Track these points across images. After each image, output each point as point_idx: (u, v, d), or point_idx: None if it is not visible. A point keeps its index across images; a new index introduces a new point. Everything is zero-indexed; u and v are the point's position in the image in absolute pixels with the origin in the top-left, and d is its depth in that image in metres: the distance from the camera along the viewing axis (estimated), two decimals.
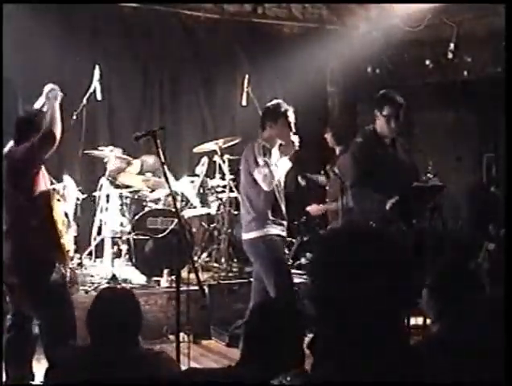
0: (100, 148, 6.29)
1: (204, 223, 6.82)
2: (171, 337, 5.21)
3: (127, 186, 6.46)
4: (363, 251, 1.48)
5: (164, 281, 5.91)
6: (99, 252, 6.35)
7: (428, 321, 4.28)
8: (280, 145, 4.74)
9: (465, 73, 6.97)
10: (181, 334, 3.91)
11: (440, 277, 2.61)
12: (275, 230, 4.62)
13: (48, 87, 4.14)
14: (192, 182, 6.59)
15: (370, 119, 4.94)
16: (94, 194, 6.27)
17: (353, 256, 1.47)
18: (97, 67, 5.91)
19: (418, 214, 4.70)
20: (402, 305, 1.49)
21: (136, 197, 6.36)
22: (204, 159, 6.56)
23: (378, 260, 1.47)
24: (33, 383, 4.00)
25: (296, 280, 5.33)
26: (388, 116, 4.73)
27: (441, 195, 4.78)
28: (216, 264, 6.57)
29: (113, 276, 5.87)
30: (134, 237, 6.00)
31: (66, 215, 4.31)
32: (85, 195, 6.06)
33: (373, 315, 1.43)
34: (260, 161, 4.57)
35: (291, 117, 4.75)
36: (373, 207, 4.53)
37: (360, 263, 1.46)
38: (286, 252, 5.55)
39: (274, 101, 4.88)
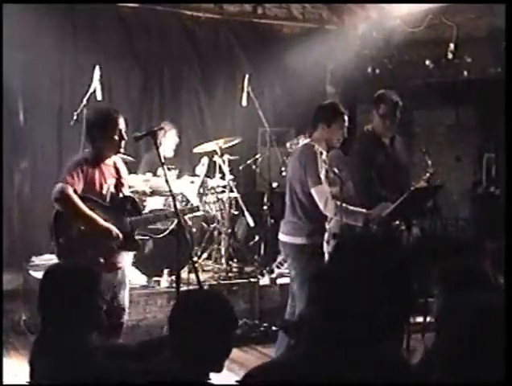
0: None
1: (204, 223, 6.83)
2: None
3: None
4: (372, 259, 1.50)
5: (164, 281, 5.91)
6: None
7: (428, 319, 4.30)
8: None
9: (465, 73, 6.96)
10: None
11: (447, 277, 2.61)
12: (320, 239, 4.53)
13: None
14: (192, 182, 6.59)
15: (370, 119, 4.96)
16: None
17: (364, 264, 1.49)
18: (97, 67, 5.90)
19: (417, 214, 4.71)
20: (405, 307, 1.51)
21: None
22: (205, 159, 6.56)
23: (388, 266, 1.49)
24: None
25: None
26: (384, 115, 4.76)
27: (440, 195, 4.78)
28: (216, 265, 6.57)
29: None
30: None
31: None
32: None
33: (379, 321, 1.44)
34: (322, 176, 4.37)
35: (346, 120, 4.59)
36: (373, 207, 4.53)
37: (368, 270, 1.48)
38: None
39: (330, 101, 4.73)
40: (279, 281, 6.18)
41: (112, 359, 2.53)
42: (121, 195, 4.32)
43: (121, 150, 4.28)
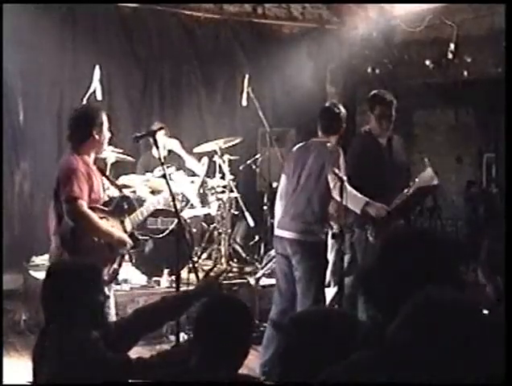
0: None
1: (204, 223, 6.83)
2: (171, 337, 5.21)
3: (127, 187, 6.45)
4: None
5: (164, 281, 5.92)
6: None
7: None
8: None
9: (465, 73, 6.96)
10: (181, 334, 3.91)
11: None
12: (326, 238, 4.57)
13: None
14: (192, 182, 6.59)
15: (368, 120, 4.97)
16: None
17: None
18: (97, 67, 5.91)
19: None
20: None
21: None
22: (205, 159, 6.56)
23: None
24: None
25: None
26: (379, 115, 4.76)
27: (440, 195, 4.79)
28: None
29: None
30: None
31: None
32: None
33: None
34: (342, 168, 4.41)
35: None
36: None
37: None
38: None
39: (340, 107, 4.73)
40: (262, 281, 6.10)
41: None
42: (116, 196, 4.18)
43: (104, 148, 4.09)
